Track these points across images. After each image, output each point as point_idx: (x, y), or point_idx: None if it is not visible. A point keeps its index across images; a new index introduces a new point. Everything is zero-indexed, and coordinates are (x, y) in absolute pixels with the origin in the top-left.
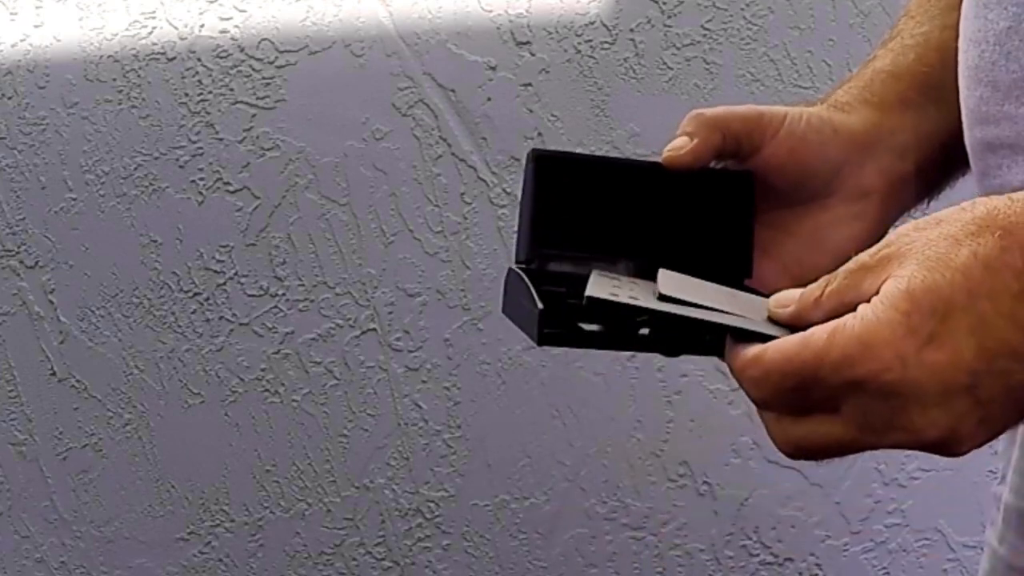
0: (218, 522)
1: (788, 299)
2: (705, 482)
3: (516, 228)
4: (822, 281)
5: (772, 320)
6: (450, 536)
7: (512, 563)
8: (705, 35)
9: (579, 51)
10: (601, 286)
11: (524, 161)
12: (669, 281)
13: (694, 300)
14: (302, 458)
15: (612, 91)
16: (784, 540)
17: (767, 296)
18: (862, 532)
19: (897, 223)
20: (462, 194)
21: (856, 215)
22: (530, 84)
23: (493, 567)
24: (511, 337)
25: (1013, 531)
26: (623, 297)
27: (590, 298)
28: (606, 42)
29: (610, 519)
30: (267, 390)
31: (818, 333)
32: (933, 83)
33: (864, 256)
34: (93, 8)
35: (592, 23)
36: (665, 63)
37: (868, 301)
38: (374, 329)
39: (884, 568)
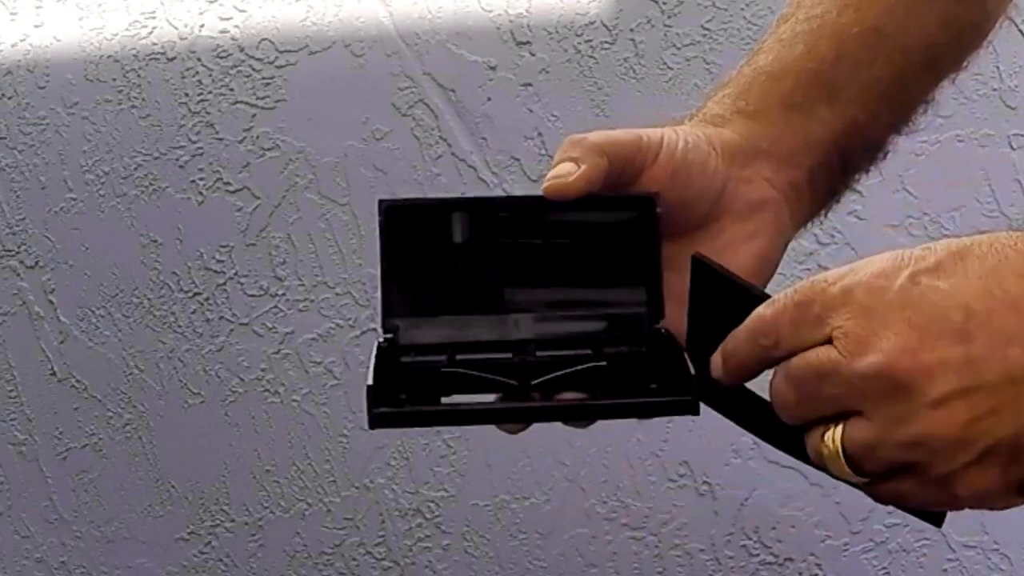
0: (218, 522)
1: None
2: (705, 482)
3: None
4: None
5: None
6: (450, 536)
7: (512, 563)
8: (705, 35)
9: (579, 51)
10: None
11: (376, 213)
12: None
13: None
14: (302, 458)
15: (612, 91)
16: (784, 540)
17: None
18: (862, 532)
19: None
20: (462, 194)
21: (751, 233)
22: (530, 84)
23: (493, 567)
24: None
25: None
26: None
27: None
28: (606, 42)
29: (610, 519)
30: (267, 390)
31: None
32: (823, 80)
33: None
34: (93, 8)
35: (592, 23)
36: (665, 63)
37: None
38: (374, 329)
39: (884, 568)
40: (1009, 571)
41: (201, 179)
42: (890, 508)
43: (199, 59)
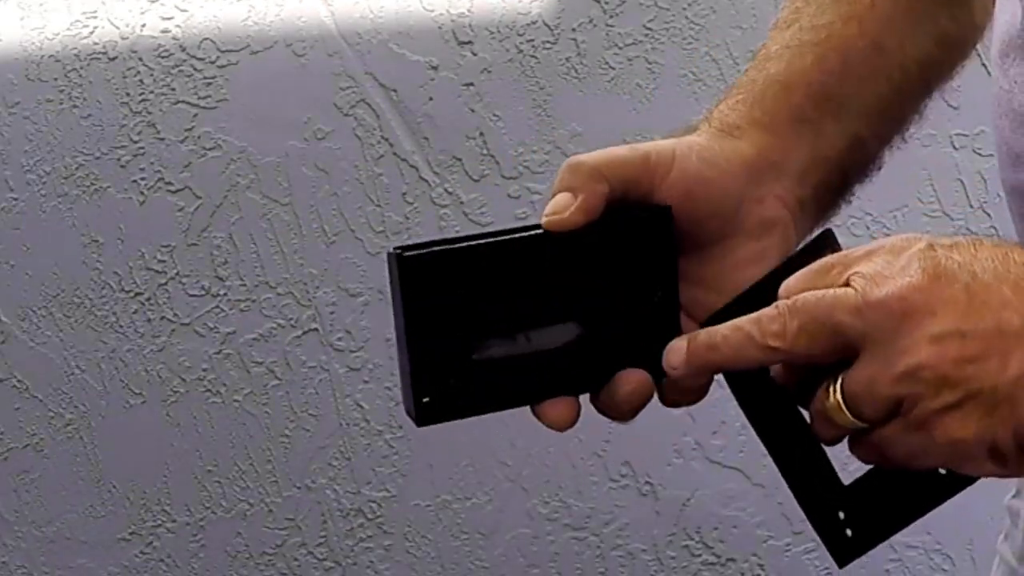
0: (159, 522)
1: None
2: (647, 482)
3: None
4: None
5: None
6: (392, 536)
7: (454, 563)
8: (647, 35)
9: (521, 51)
10: None
11: (387, 264)
12: None
13: None
14: (243, 458)
15: (554, 91)
16: (726, 540)
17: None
18: (804, 532)
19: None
20: (403, 194)
21: (760, 253)
22: (472, 84)
23: (435, 567)
24: None
25: None
26: None
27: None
28: (548, 42)
29: (552, 519)
30: (208, 390)
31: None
32: (831, 94)
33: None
34: (34, 7)
35: (534, 23)
36: (607, 63)
37: None
38: (316, 329)
39: (826, 568)
40: (951, 571)
41: (142, 179)
42: None
43: (140, 59)
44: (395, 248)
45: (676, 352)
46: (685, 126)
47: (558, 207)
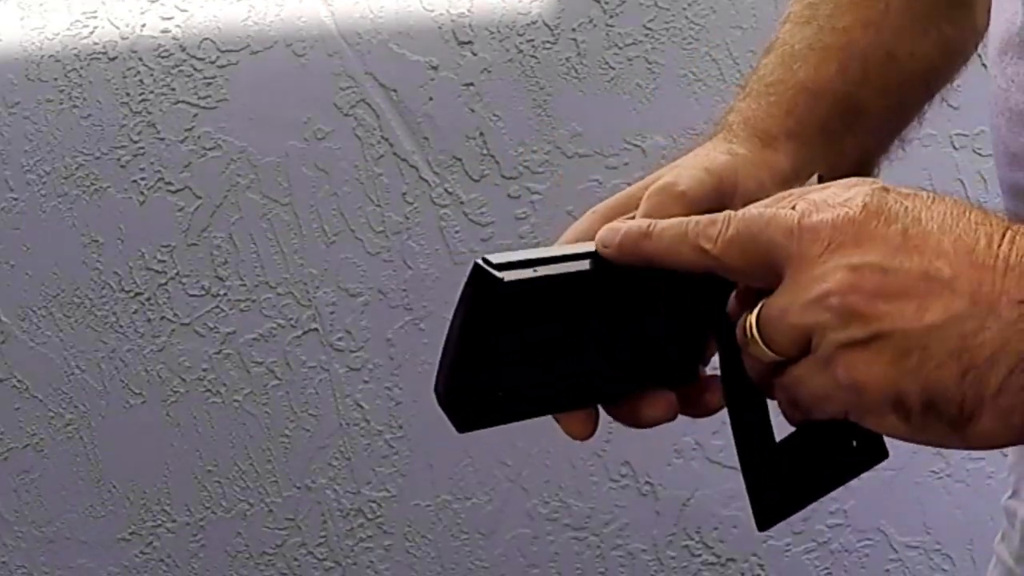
0: (159, 522)
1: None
2: (647, 482)
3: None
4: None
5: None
6: (392, 536)
7: (454, 563)
8: (647, 35)
9: (521, 51)
10: None
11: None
12: None
13: None
14: (243, 458)
15: (554, 91)
16: (726, 540)
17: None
18: (804, 532)
19: None
20: (404, 194)
21: None
22: (472, 84)
23: (435, 567)
24: None
25: None
26: None
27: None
28: (548, 42)
29: (552, 519)
30: (208, 390)
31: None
32: (853, 107)
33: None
34: (34, 7)
35: (534, 23)
36: (607, 63)
37: None
38: (316, 329)
39: (826, 568)
40: (951, 571)
41: (142, 179)
42: (832, 508)
43: (140, 59)
44: (485, 262)
45: (612, 233)
46: (716, 122)
47: None
